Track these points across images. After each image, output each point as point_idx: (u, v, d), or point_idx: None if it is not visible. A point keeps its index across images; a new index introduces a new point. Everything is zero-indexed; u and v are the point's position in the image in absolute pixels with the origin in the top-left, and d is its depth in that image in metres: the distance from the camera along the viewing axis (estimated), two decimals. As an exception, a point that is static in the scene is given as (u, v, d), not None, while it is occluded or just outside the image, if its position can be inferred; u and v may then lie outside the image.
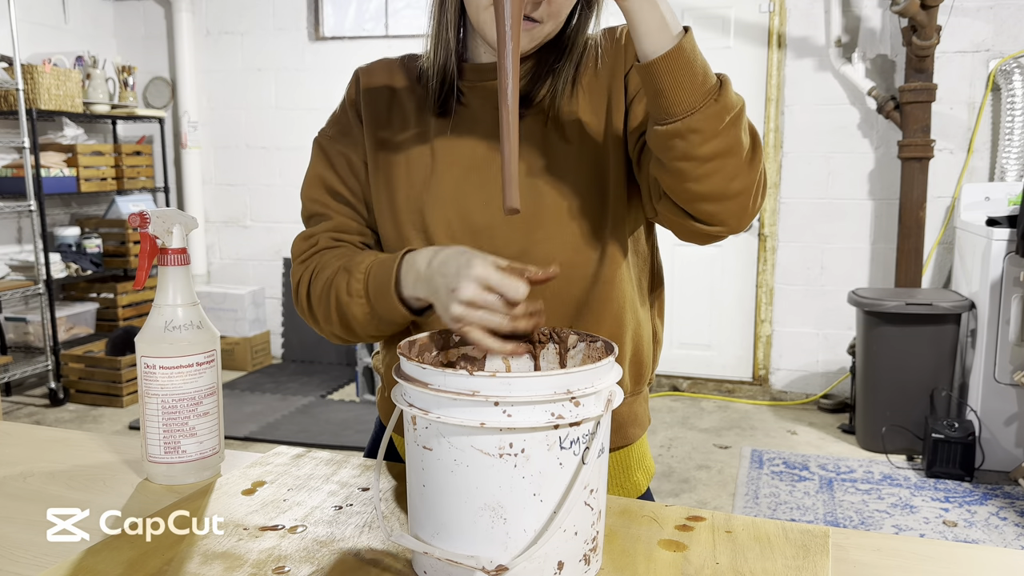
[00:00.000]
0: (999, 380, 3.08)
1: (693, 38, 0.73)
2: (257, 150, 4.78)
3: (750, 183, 0.78)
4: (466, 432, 0.62)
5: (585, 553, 0.67)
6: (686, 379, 4.21)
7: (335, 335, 0.92)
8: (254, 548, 0.73)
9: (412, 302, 0.83)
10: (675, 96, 0.72)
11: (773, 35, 3.85)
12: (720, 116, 0.73)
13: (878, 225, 3.83)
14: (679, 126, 0.73)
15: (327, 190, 0.96)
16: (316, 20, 4.58)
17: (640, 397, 1.00)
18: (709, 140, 0.73)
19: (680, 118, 0.73)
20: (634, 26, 0.73)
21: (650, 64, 0.73)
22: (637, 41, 0.74)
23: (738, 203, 0.79)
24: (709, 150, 0.74)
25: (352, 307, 0.86)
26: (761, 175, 0.80)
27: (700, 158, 0.74)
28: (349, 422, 3.74)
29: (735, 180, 0.76)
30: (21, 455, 1.00)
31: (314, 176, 0.97)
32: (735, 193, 0.77)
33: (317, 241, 0.94)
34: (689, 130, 0.73)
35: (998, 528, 2.64)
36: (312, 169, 0.97)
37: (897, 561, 0.73)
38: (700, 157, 0.74)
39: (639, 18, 0.72)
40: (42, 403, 4.06)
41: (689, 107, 0.72)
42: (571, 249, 0.88)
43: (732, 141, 0.74)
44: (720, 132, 0.73)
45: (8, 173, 4.06)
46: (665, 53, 0.72)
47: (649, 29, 0.72)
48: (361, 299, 0.85)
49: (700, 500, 2.89)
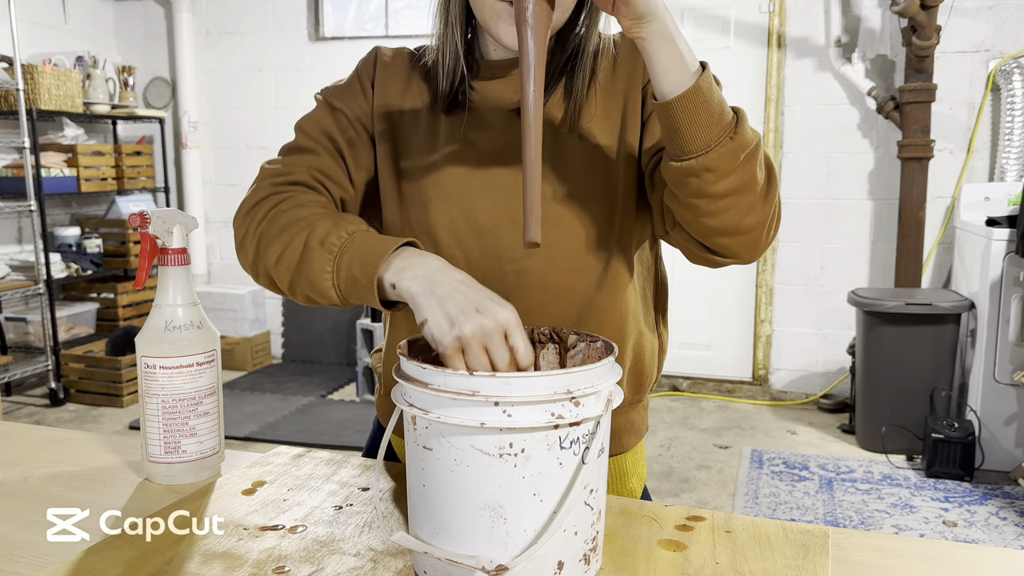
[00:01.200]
0: (999, 380, 3.08)
1: (710, 76, 0.73)
2: (257, 150, 4.78)
3: (764, 217, 0.78)
4: (466, 432, 0.62)
5: (585, 553, 0.67)
6: (686, 379, 4.21)
7: (267, 275, 0.84)
8: (254, 548, 0.73)
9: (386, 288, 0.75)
10: (691, 134, 0.72)
11: (773, 35, 3.85)
12: (735, 154, 0.73)
13: (878, 225, 3.83)
14: (694, 164, 0.73)
15: (322, 131, 0.92)
16: (316, 20, 4.58)
17: (639, 405, 1.00)
18: (723, 178, 0.73)
19: (695, 156, 0.73)
20: (652, 65, 0.72)
21: (667, 104, 0.73)
22: (655, 79, 0.73)
23: (751, 237, 0.79)
24: (723, 187, 0.74)
25: (315, 257, 0.79)
26: (775, 207, 0.80)
27: (714, 195, 0.74)
28: (349, 422, 3.74)
29: (749, 215, 0.77)
30: (21, 455, 1.00)
31: (311, 118, 0.93)
32: (749, 228, 0.78)
33: (294, 172, 0.88)
34: (703, 168, 0.73)
35: (998, 528, 2.64)
36: (311, 114, 0.94)
37: (897, 561, 0.73)
38: (714, 194, 0.74)
39: (657, 57, 0.72)
40: (42, 403, 4.06)
41: (704, 145, 0.72)
42: (576, 256, 0.87)
43: (747, 178, 0.74)
44: (735, 170, 0.73)
45: (8, 173, 4.06)
46: (682, 93, 0.71)
47: (667, 69, 0.72)
48: (330, 255, 0.78)
49: (700, 500, 2.89)
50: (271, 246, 0.83)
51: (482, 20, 0.84)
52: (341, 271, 0.78)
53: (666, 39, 0.71)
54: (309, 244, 0.80)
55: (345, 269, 0.78)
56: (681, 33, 0.73)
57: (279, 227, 0.83)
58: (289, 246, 0.81)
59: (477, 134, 0.90)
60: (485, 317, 0.68)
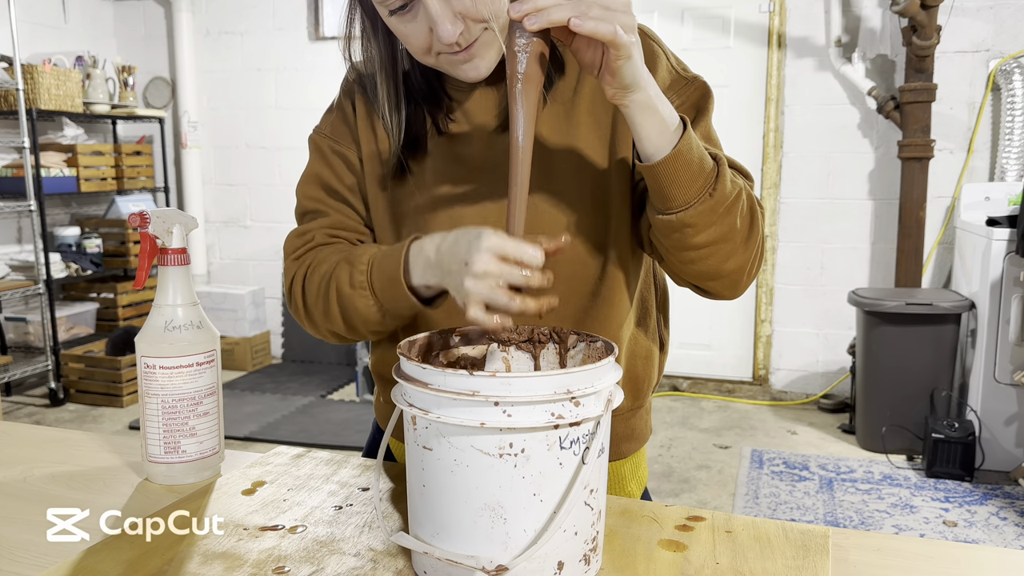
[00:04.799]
0: (999, 380, 3.08)
1: (691, 136, 0.75)
2: (257, 150, 4.78)
3: (744, 262, 0.82)
4: (466, 432, 0.62)
5: (585, 553, 0.67)
6: (686, 379, 4.21)
7: (333, 333, 0.89)
8: (254, 548, 0.73)
9: (421, 291, 0.81)
10: (672, 193, 0.75)
11: (773, 35, 3.85)
12: (714, 209, 0.76)
13: (878, 225, 3.83)
14: (674, 220, 0.77)
15: (323, 187, 0.94)
16: (316, 20, 4.58)
17: (640, 411, 0.99)
18: (703, 231, 0.77)
19: (676, 212, 0.76)
20: (635, 129, 0.74)
21: (651, 167, 0.75)
22: (638, 142, 0.75)
23: (731, 280, 0.83)
24: (703, 239, 0.78)
25: (355, 300, 0.83)
26: (758, 248, 0.82)
27: (694, 247, 0.78)
28: (349, 422, 3.74)
29: (729, 261, 0.80)
30: (21, 455, 1.00)
31: (311, 174, 0.95)
32: (729, 272, 0.82)
33: (313, 237, 0.92)
34: (683, 224, 0.77)
35: (998, 528, 2.64)
36: (309, 167, 0.96)
37: (897, 561, 0.73)
38: (694, 246, 0.78)
39: (640, 123, 0.73)
40: (42, 403, 4.06)
41: (684, 203, 0.76)
42: (571, 264, 0.87)
43: (726, 228, 0.78)
44: (714, 223, 0.77)
45: (8, 173, 4.06)
46: (664, 158, 0.74)
47: (650, 133, 0.74)
48: (365, 291, 0.83)
49: (700, 500, 2.89)
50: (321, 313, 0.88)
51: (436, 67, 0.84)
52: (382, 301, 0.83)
53: (648, 107, 0.73)
54: (342, 292, 0.84)
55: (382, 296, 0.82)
56: (663, 97, 0.74)
57: (314, 294, 0.88)
58: (329, 307, 0.86)
59: (462, 149, 0.89)
60: (474, 264, 0.70)
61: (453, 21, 0.77)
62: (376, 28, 0.86)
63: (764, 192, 3.96)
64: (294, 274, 0.91)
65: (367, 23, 0.87)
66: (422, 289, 0.80)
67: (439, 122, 0.90)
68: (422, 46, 0.81)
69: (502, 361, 0.81)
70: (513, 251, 0.70)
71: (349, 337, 0.90)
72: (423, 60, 0.83)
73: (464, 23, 0.78)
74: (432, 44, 0.80)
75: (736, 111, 3.96)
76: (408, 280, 0.80)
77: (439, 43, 0.79)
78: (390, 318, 0.84)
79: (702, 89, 0.87)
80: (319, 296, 0.87)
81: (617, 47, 0.67)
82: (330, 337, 0.91)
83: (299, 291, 0.90)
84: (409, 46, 0.82)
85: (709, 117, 0.87)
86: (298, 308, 0.91)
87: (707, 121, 0.86)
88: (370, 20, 0.86)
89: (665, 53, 0.89)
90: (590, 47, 0.70)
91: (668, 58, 0.88)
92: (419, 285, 0.80)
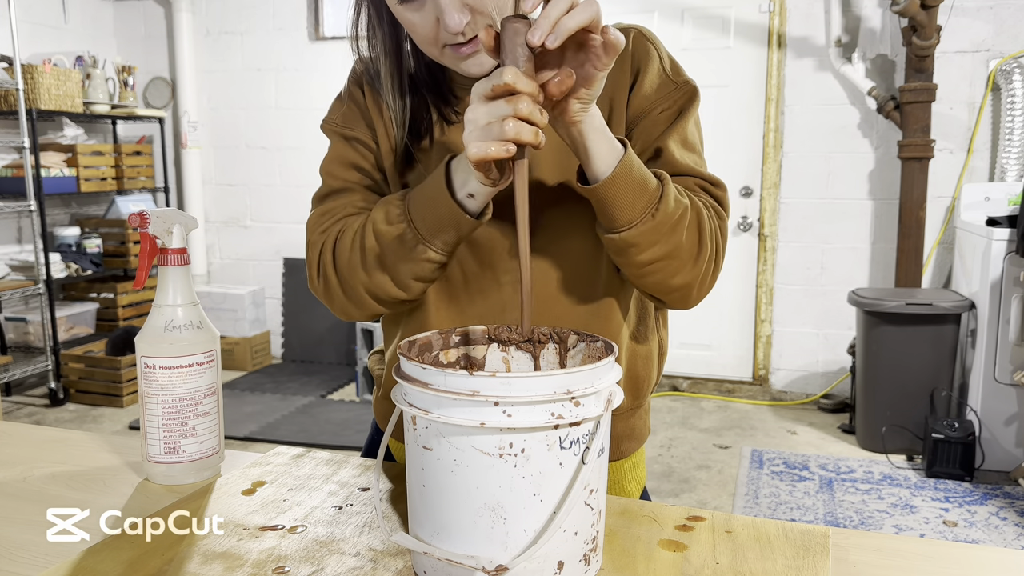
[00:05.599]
0: (999, 380, 3.08)
1: (632, 156, 0.76)
2: (257, 150, 4.78)
3: (693, 278, 0.82)
4: (466, 432, 0.62)
5: (585, 553, 0.67)
6: (686, 379, 4.21)
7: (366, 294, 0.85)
8: (254, 548, 0.73)
9: (467, 202, 0.78)
10: (615, 213, 0.77)
11: (773, 35, 3.85)
12: (657, 229, 0.77)
13: (878, 225, 3.83)
14: (617, 239, 0.78)
15: (350, 164, 0.92)
16: (316, 20, 4.58)
17: (640, 410, 0.99)
18: (646, 250, 0.78)
19: (619, 231, 0.78)
20: (588, 148, 0.75)
21: (593, 189, 0.76)
22: (589, 162, 0.76)
23: (681, 295, 0.84)
24: (647, 257, 0.79)
25: (393, 234, 0.80)
26: (708, 263, 0.83)
27: (640, 264, 0.80)
28: (349, 422, 3.74)
29: (676, 277, 0.82)
30: (21, 455, 1.00)
31: (334, 155, 0.94)
32: (677, 287, 0.83)
33: (337, 212, 0.90)
34: (627, 244, 0.78)
35: (998, 528, 2.64)
36: (332, 150, 0.95)
37: (897, 561, 0.73)
38: (639, 263, 0.80)
39: (593, 139, 0.74)
40: (42, 403, 4.06)
41: (627, 222, 0.77)
42: (570, 264, 0.87)
43: (671, 247, 0.79)
44: (658, 241, 0.78)
45: (8, 173, 4.06)
46: (608, 177, 0.75)
47: (600, 151, 0.75)
48: (402, 224, 0.80)
49: (700, 500, 2.89)
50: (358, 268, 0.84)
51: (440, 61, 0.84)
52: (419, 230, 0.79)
53: (600, 128, 0.74)
54: (379, 231, 0.81)
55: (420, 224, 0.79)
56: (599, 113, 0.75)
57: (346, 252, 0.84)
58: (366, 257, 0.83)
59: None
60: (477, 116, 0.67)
61: (461, 10, 0.77)
62: (382, 17, 0.87)
63: (764, 192, 3.96)
64: (323, 244, 0.87)
65: (373, 12, 0.87)
66: (466, 200, 0.78)
67: (445, 114, 0.90)
68: (429, 36, 0.81)
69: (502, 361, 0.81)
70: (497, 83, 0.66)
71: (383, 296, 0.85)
72: (428, 51, 0.83)
73: (471, 15, 0.78)
74: (439, 35, 0.80)
75: (736, 111, 3.97)
76: (452, 193, 0.78)
77: (445, 33, 0.79)
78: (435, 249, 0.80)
79: (689, 93, 0.87)
80: (354, 249, 0.84)
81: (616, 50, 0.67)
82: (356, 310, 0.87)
83: (329, 257, 0.86)
84: (415, 36, 0.82)
85: (690, 119, 0.87)
86: (327, 275, 0.87)
87: (686, 123, 0.87)
88: (376, 9, 0.87)
89: (660, 55, 0.89)
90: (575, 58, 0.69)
91: (662, 60, 0.88)
92: (462, 197, 0.78)
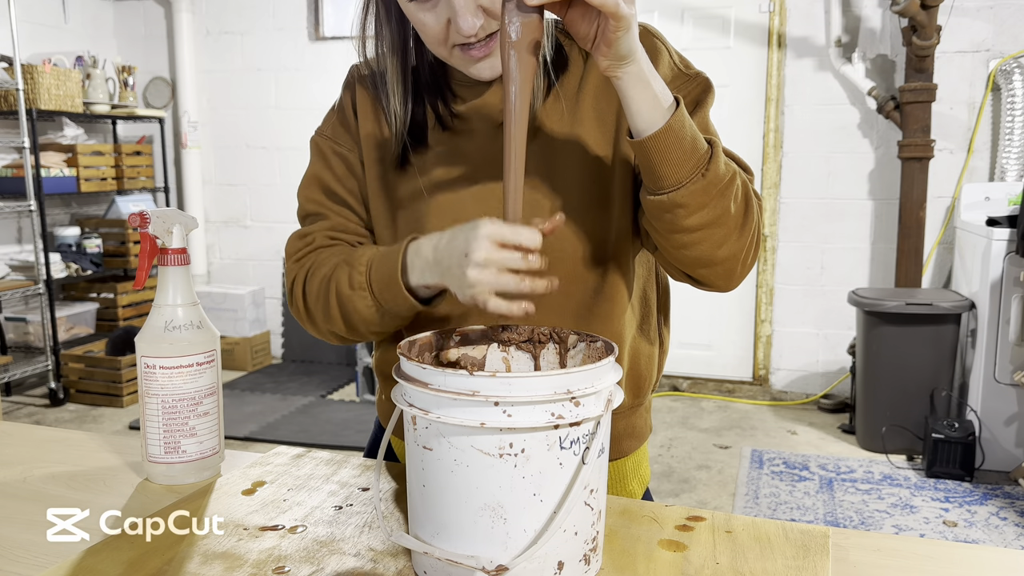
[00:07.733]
0: (999, 380, 3.08)
1: (683, 113, 0.74)
2: (257, 150, 4.78)
3: (738, 249, 0.80)
4: (466, 432, 0.62)
5: (585, 553, 0.67)
6: (686, 379, 4.21)
7: (334, 334, 0.89)
8: (254, 548, 0.73)
9: (420, 291, 0.81)
10: (663, 171, 0.74)
11: (773, 35, 3.85)
12: (707, 191, 0.75)
13: (878, 225, 3.83)
14: (665, 200, 0.75)
15: (324, 190, 0.94)
16: (316, 20, 4.58)
17: (640, 408, 0.99)
18: (695, 212, 0.75)
19: (667, 191, 0.75)
20: (627, 103, 0.73)
21: (641, 142, 0.74)
22: (629, 117, 0.74)
23: (725, 268, 0.81)
24: (695, 222, 0.76)
25: (355, 301, 0.83)
26: (752, 237, 0.81)
27: (686, 229, 0.77)
28: (349, 422, 3.74)
29: (722, 247, 0.79)
30: (21, 455, 1.00)
31: (311, 176, 0.96)
32: (722, 259, 0.80)
33: (313, 239, 0.92)
34: (675, 204, 0.75)
35: (998, 528, 2.64)
36: (310, 169, 0.96)
37: (897, 561, 0.73)
38: (686, 228, 0.77)
39: (632, 96, 0.73)
40: (42, 403, 4.06)
41: (676, 182, 0.74)
42: (573, 263, 0.87)
43: (719, 212, 0.76)
44: (707, 204, 0.75)
45: (8, 173, 4.06)
46: (655, 132, 0.73)
47: (641, 108, 0.73)
48: (364, 292, 0.83)
49: (700, 500, 2.89)
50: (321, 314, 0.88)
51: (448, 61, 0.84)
52: (381, 302, 0.82)
53: (641, 80, 0.72)
54: (342, 293, 0.84)
55: (380, 296, 0.82)
56: (656, 73, 0.74)
57: (314, 295, 0.88)
58: (329, 308, 0.86)
59: (465, 143, 0.89)
60: (474, 254, 0.70)
61: (475, 13, 0.77)
62: (390, 13, 0.87)
63: (764, 192, 3.96)
64: (295, 276, 0.91)
65: (382, 9, 0.87)
66: (421, 289, 0.80)
67: (442, 117, 0.90)
68: (438, 36, 0.80)
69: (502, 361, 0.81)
70: (511, 236, 0.70)
71: (350, 338, 0.90)
72: (436, 51, 0.83)
73: (485, 17, 0.78)
74: (448, 35, 0.80)
75: (736, 111, 3.96)
76: (406, 280, 0.80)
77: (457, 35, 0.79)
78: (389, 318, 0.84)
79: (703, 84, 0.87)
80: (319, 298, 0.87)
81: (618, 18, 0.66)
82: (331, 338, 0.91)
83: (300, 293, 0.90)
84: (424, 35, 0.82)
85: (707, 110, 0.87)
86: (299, 309, 0.91)
87: (705, 113, 0.86)
88: (385, 6, 0.87)
89: (668, 50, 0.89)
90: (585, 19, 0.70)
91: (671, 55, 0.88)
92: (417, 285, 0.80)
